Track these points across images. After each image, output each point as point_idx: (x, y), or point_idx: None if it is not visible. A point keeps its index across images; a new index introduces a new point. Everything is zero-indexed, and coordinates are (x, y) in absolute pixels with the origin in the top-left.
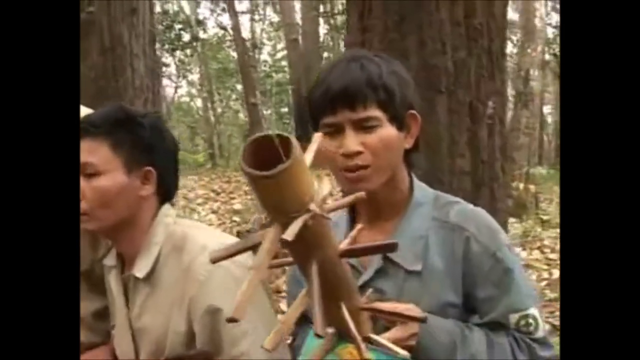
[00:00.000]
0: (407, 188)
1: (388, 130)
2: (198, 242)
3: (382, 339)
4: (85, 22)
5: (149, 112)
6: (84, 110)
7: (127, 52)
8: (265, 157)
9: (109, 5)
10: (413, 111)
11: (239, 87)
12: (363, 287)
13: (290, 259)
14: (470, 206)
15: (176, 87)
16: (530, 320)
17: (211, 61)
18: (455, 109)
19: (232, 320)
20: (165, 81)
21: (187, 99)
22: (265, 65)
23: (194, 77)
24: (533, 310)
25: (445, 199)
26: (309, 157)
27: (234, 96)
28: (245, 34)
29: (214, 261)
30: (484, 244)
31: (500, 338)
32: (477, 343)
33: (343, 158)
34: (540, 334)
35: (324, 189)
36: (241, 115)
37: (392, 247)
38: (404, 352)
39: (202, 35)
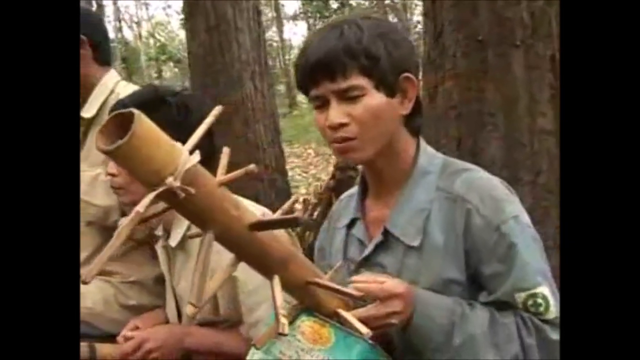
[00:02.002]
0: (411, 156)
1: (374, 98)
2: None
3: (350, 315)
4: (192, 2)
5: (181, 91)
6: None
7: (232, 28)
8: None
9: None
10: (407, 74)
11: None
12: (366, 261)
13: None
14: (481, 174)
15: None
16: (539, 300)
17: None
18: (534, 64)
19: (83, 282)
20: None
21: None
22: (416, 27)
23: None
24: (543, 289)
25: (455, 167)
26: (195, 136)
27: None
28: None
29: None
30: (487, 217)
31: (506, 318)
32: (478, 322)
33: (330, 130)
34: (552, 315)
35: (189, 163)
36: None
37: (295, 221)
38: (365, 331)
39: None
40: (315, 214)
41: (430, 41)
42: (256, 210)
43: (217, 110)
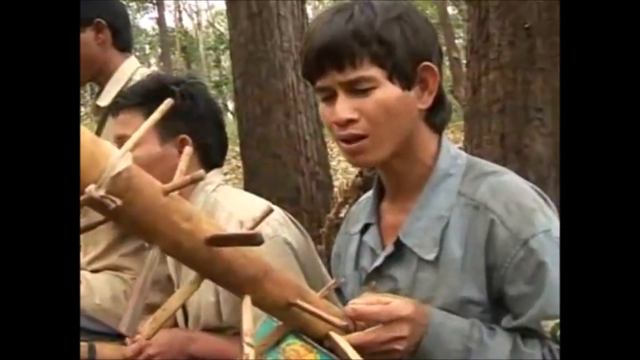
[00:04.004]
0: (431, 156)
1: (388, 91)
2: (225, 210)
3: (342, 340)
4: None
5: (186, 80)
6: None
7: (274, 15)
8: None
9: None
10: (428, 63)
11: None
12: (377, 272)
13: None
14: (509, 178)
15: None
16: None
17: None
18: None
19: None
20: None
21: None
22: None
23: None
24: None
25: (480, 169)
26: (133, 138)
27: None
28: None
29: None
30: (513, 229)
31: (531, 348)
32: (497, 351)
33: (337, 127)
34: None
35: (116, 169)
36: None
37: (255, 238)
38: (356, 359)
39: None
40: (342, 213)
41: (474, 29)
42: (255, 210)
43: (165, 105)
